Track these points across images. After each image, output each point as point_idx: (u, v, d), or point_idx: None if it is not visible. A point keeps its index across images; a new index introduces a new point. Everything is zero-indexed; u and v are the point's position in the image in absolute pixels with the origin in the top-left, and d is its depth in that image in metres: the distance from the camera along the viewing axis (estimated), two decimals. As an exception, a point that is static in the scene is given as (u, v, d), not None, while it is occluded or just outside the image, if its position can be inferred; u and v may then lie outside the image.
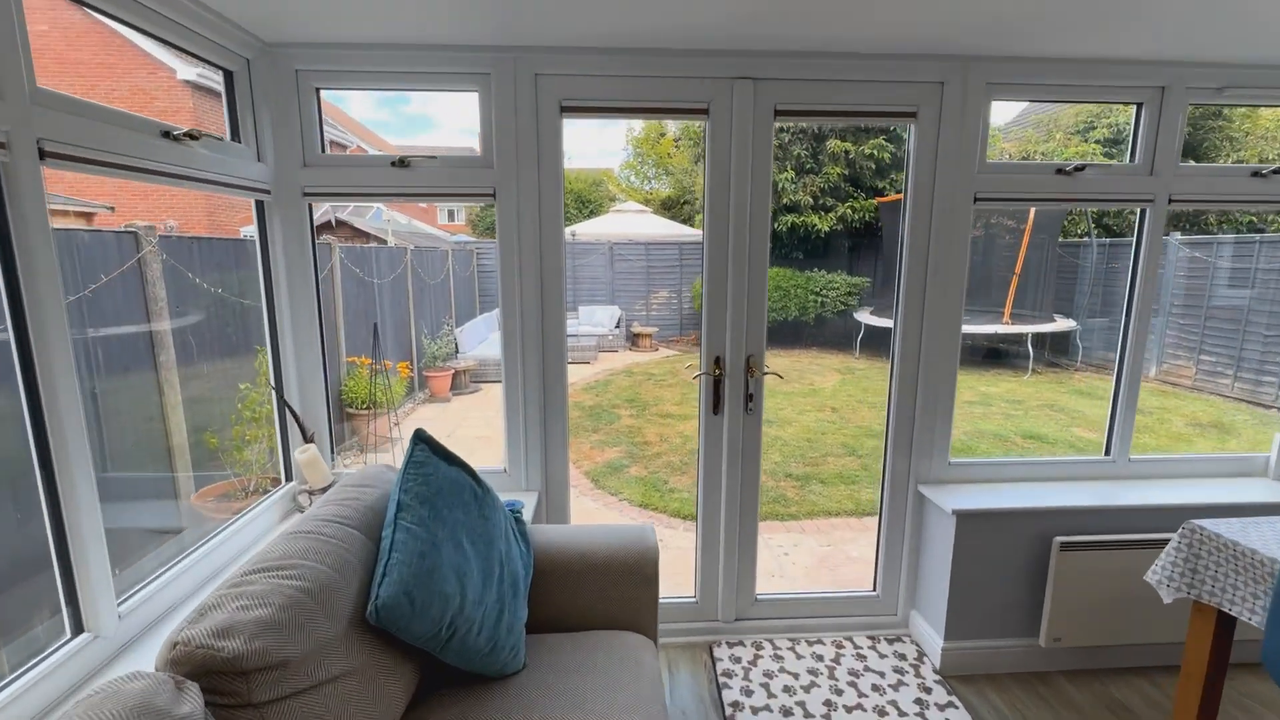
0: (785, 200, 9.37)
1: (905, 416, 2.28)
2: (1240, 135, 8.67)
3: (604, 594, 1.68)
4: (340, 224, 8.21)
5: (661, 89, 2.01)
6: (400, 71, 1.94)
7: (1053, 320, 8.01)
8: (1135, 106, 2.19)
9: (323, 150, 1.99)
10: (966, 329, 2.27)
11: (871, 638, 2.37)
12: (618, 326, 9.64)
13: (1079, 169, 2.14)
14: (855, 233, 9.80)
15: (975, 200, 2.14)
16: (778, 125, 2.08)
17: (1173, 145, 2.15)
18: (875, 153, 9.22)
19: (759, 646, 2.30)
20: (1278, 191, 2.21)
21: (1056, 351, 8.23)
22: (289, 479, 2.07)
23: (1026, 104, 10.40)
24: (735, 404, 2.22)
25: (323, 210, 8.53)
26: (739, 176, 2.07)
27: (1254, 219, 7.73)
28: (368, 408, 4.77)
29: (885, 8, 1.63)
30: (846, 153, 9.23)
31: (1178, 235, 7.45)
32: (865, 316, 8.71)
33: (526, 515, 1.98)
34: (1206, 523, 1.70)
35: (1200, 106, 2.11)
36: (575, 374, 7.82)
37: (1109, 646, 2.20)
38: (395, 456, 4.56)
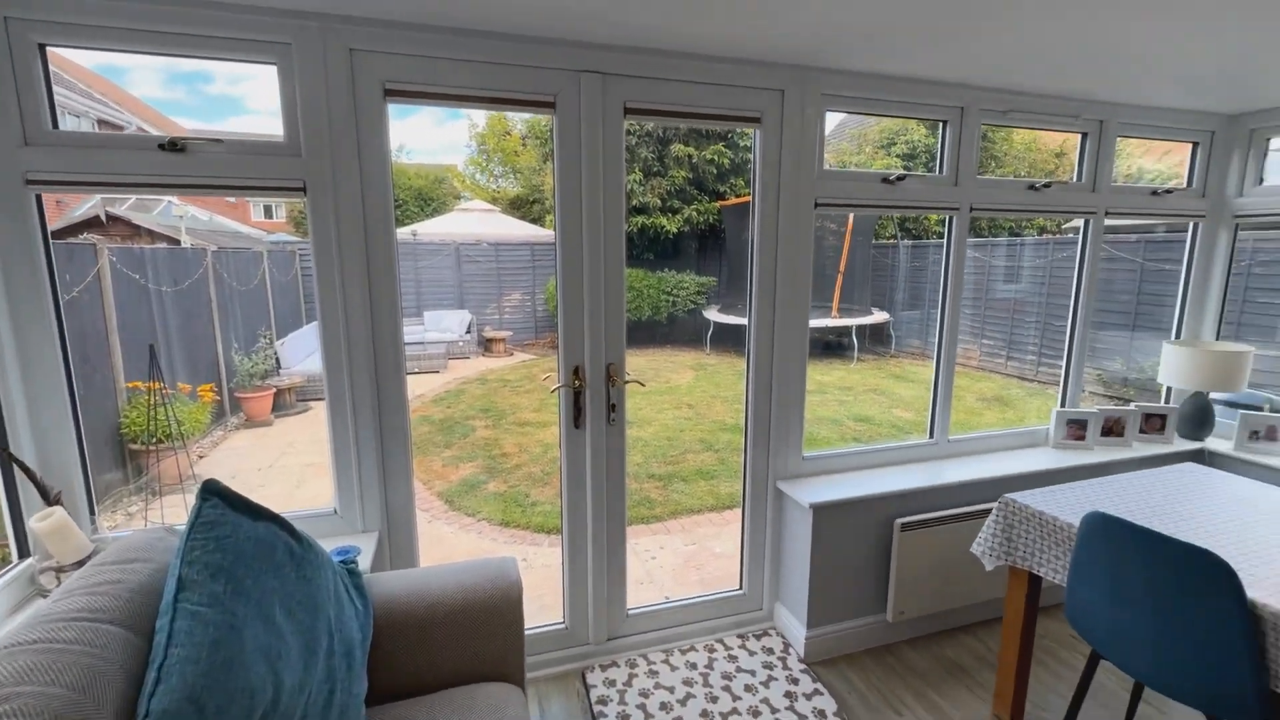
0: (635, 202, 9.51)
1: (762, 415, 2.33)
2: (1001, 155, 10.40)
3: (461, 645, 1.48)
4: (114, 220, 6.81)
5: (502, 77, 1.83)
6: (163, 32, 1.55)
7: (871, 313, 9.00)
8: (941, 124, 2.43)
9: (55, 125, 1.54)
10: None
11: (741, 636, 2.40)
12: (468, 332, 9.14)
13: (900, 179, 2.33)
14: (701, 234, 10.23)
15: (816, 205, 2.24)
16: (627, 125, 2.00)
17: (972, 159, 2.42)
18: (716, 158, 9.68)
19: (633, 664, 2.22)
20: (1046, 202, 2.59)
21: (875, 341, 9.25)
22: (24, 555, 1.57)
23: (843, 117, 11.58)
24: (598, 415, 2.11)
25: (90, 204, 7.03)
26: (590, 176, 1.96)
27: (1013, 224, 9.28)
28: (157, 442, 3.97)
29: (723, 7, 1.61)
30: (690, 157, 9.59)
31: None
32: (714, 314, 9.12)
33: (364, 563, 1.70)
34: (1018, 496, 1.91)
35: (987, 126, 2.39)
36: (423, 385, 7.24)
37: (943, 612, 2.43)
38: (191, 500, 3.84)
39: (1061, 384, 2.88)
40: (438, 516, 3.94)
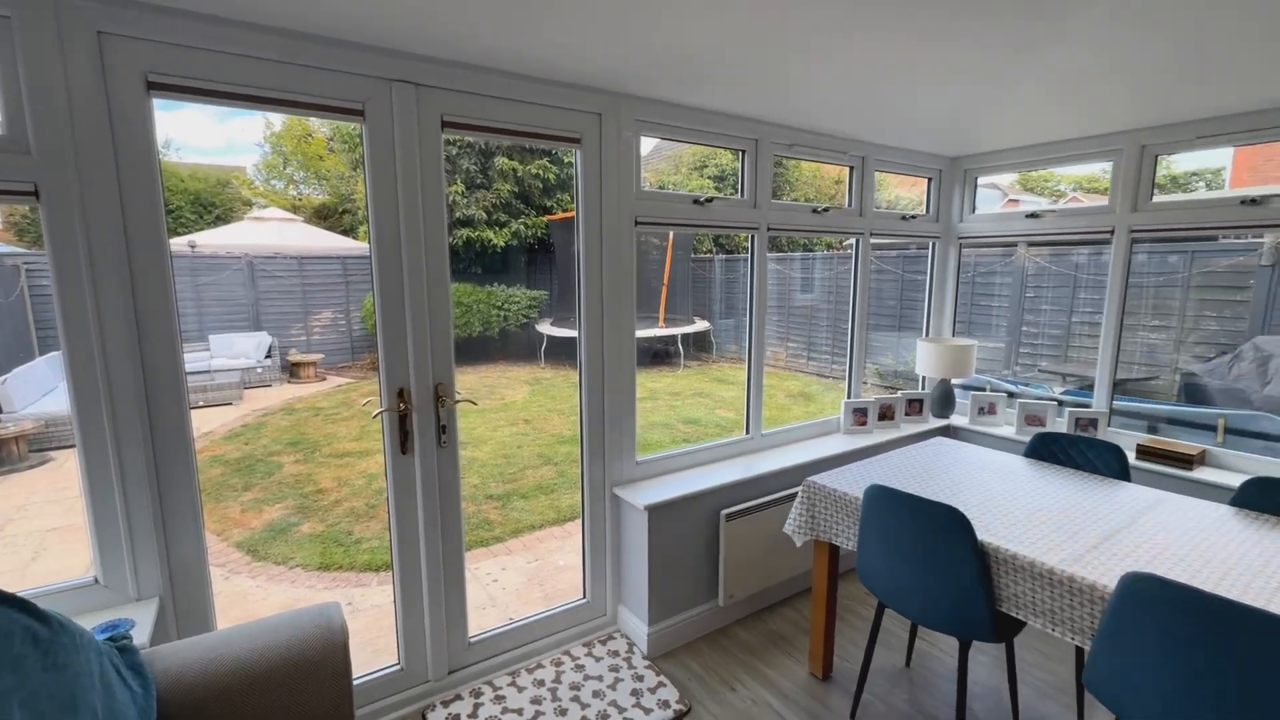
0: (459, 214, 9.18)
1: (596, 425, 2.40)
2: (795, 180, 11.83)
3: (279, 708, 1.32)
4: None
5: (302, 80, 1.68)
6: None
7: (694, 322, 9.66)
8: (741, 152, 2.72)
9: None
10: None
11: (587, 644, 2.43)
12: (268, 356, 8.08)
13: (709, 200, 2.57)
14: (530, 248, 10.19)
15: (636, 223, 2.37)
16: (447, 137, 1.95)
17: (767, 185, 2.74)
18: (541, 173, 9.72)
19: (478, 694, 2.14)
20: (827, 223, 3.02)
21: (699, 347, 9.95)
22: None
23: (660, 140, 12.30)
24: (427, 439, 2.01)
25: None
26: (408, 188, 1.87)
27: (805, 242, 10.62)
28: None
29: (529, 23, 1.66)
30: (515, 170, 9.52)
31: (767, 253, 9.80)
32: (547, 328, 9.12)
33: (142, 636, 1.44)
34: (817, 478, 2.19)
35: (778, 157, 2.73)
36: (212, 419, 6.25)
37: (766, 589, 2.70)
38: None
39: (847, 379, 3.37)
40: (238, 570, 3.42)
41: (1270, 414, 3.37)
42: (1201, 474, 2.56)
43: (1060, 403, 3.26)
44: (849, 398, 3.32)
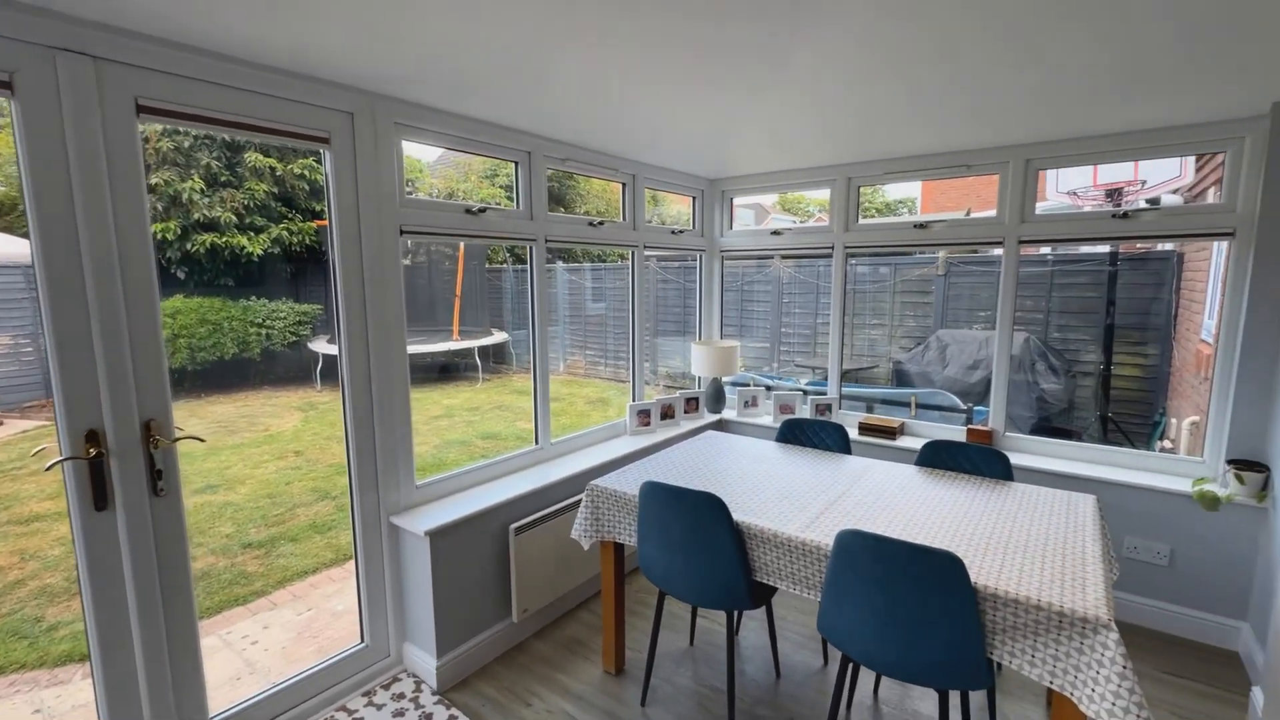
0: (198, 216, 7.79)
1: (366, 450, 2.20)
2: (584, 192, 12.21)
3: None
4: None
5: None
6: None
7: (491, 334, 9.42)
8: (515, 164, 2.72)
9: None
10: (423, 348, 2.35)
11: (367, 693, 2.20)
12: (-95, 399, 5.99)
13: (482, 210, 2.52)
14: (298, 257, 9.02)
15: (401, 232, 2.23)
16: (160, 126, 1.63)
17: (543, 197, 2.78)
18: (307, 173, 8.69)
19: (225, 782, 1.81)
20: (604, 236, 3.16)
21: (498, 360, 9.72)
22: None
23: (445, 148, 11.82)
24: (135, 490, 1.65)
25: None
26: (90, 181, 1.52)
27: (601, 254, 11.03)
28: None
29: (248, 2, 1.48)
30: (272, 169, 8.36)
31: (561, 264, 9.92)
32: (322, 346, 8.15)
33: None
34: (600, 480, 2.27)
35: (556, 170, 2.79)
36: None
37: (561, 598, 2.71)
38: None
39: (632, 382, 3.55)
40: None
41: (944, 390, 4.33)
42: (903, 442, 3.19)
43: (805, 392, 3.82)
44: (633, 400, 3.50)
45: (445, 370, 8.93)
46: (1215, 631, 2.49)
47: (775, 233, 3.70)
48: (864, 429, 3.32)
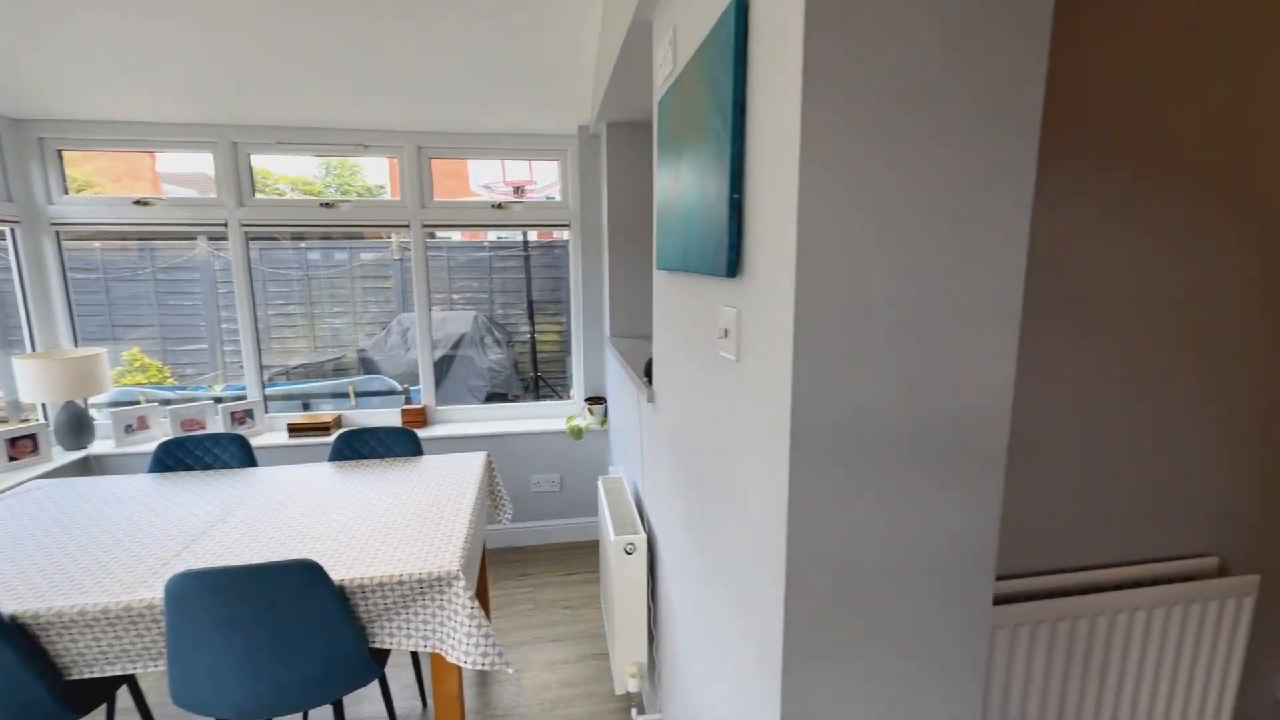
0: None
1: None
2: None
3: None
4: None
5: None
6: None
7: None
8: None
9: None
10: None
11: None
12: None
13: None
14: None
15: None
16: None
17: None
18: None
19: None
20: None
21: None
22: None
23: None
24: None
25: None
26: None
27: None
28: None
29: None
30: None
31: None
32: None
33: None
34: None
35: None
36: None
37: None
38: None
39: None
40: None
41: (383, 375, 4.37)
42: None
43: (219, 400, 3.17)
44: (-119, 462, 2.16)
45: None
46: (592, 528, 3.28)
47: (140, 202, 2.85)
48: (296, 429, 2.98)
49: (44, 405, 2.83)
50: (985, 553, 0.84)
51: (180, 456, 2.20)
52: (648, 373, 1.76)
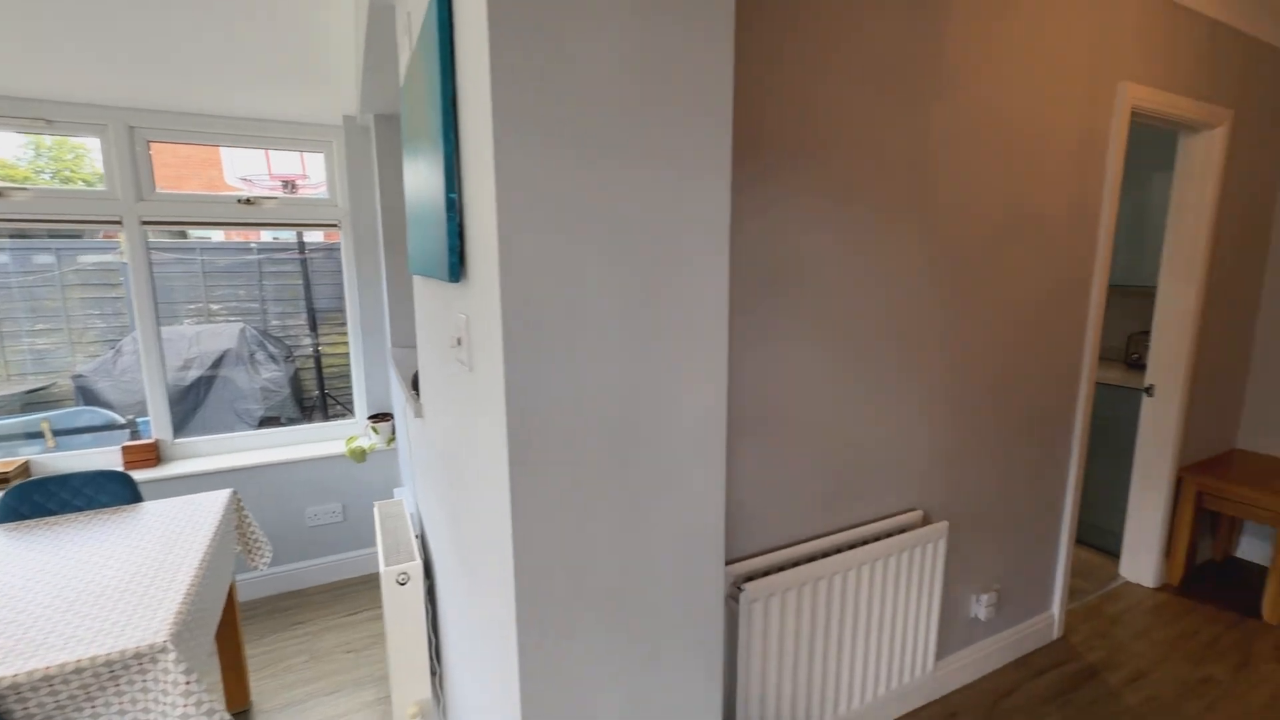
0: None
1: None
2: None
3: None
4: None
5: None
6: None
7: None
8: None
9: None
10: None
11: None
12: None
13: None
14: None
15: None
16: None
17: None
18: None
19: None
20: None
21: None
22: None
23: None
24: None
25: None
26: None
27: None
28: None
29: None
30: None
31: None
32: None
33: None
34: None
35: None
36: None
37: None
38: None
39: None
40: None
41: (90, 407, 3.57)
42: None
43: None
44: None
45: None
46: (371, 560, 2.98)
47: None
48: (-48, 487, 2.26)
49: None
50: (714, 539, 0.88)
51: None
52: (415, 385, 1.63)
